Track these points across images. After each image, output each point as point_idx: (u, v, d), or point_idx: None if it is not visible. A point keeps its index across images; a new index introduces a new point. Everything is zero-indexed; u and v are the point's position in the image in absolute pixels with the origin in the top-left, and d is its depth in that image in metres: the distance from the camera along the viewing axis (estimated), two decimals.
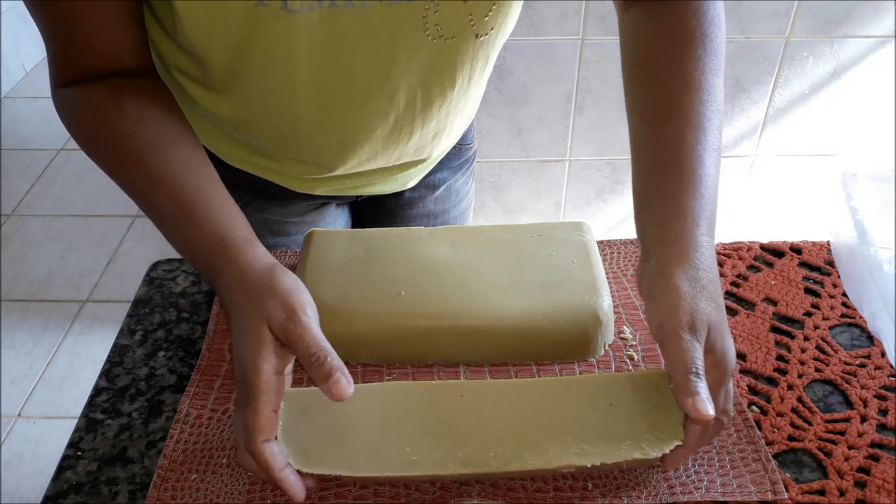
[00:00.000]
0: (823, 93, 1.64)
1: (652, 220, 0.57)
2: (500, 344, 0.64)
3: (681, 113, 0.58)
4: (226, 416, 0.62)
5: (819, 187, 1.79)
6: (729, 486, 0.55)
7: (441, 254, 0.69)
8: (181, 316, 0.73)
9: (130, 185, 0.61)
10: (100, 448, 0.61)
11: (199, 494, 0.56)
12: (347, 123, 0.70)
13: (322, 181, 0.80)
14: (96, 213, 2.32)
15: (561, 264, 0.68)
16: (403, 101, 0.69)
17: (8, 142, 2.65)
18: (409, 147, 0.76)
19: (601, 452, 0.53)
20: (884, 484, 0.56)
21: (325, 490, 0.56)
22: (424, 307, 0.64)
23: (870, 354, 0.67)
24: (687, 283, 0.52)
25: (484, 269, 0.68)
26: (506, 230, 0.72)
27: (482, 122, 1.66)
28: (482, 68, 0.70)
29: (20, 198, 2.39)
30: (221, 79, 0.66)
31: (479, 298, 0.65)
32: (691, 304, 0.51)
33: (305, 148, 0.74)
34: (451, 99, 0.71)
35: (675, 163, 0.56)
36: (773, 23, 1.53)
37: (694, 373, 0.49)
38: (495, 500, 0.55)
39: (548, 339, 0.64)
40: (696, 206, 0.55)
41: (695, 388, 0.49)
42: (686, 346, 0.50)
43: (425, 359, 0.66)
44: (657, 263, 0.54)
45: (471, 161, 0.96)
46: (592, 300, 0.65)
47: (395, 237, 0.71)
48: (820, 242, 0.79)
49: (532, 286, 0.66)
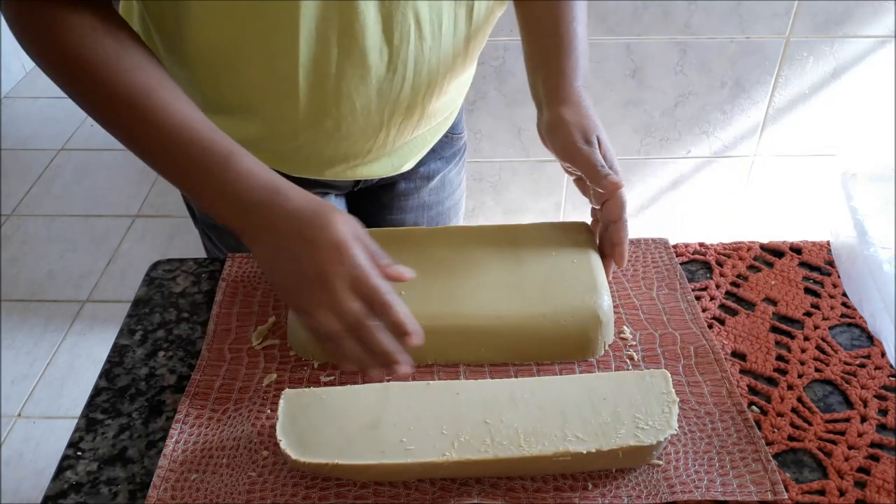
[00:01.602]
0: (823, 93, 1.64)
1: (541, 80, 0.75)
2: (500, 344, 0.65)
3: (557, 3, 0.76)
4: (225, 416, 0.62)
5: (819, 187, 1.79)
6: (729, 485, 0.55)
7: (440, 254, 0.70)
8: (181, 316, 0.73)
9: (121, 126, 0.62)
10: (100, 448, 0.61)
11: (199, 494, 0.56)
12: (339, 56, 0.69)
13: (319, 161, 0.80)
14: (96, 213, 2.32)
15: (561, 264, 0.68)
16: (398, 35, 0.68)
17: (8, 142, 2.65)
18: (402, 101, 0.75)
19: (597, 441, 0.54)
20: (884, 484, 0.56)
21: (326, 490, 0.56)
22: (424, 308, 0.63)
23: (870, 354, 0.67)
24: (573, 115, 0.71)
25: (483, 270, 0.68)
26: (505, 230, 0.73)
27: (482, 122, 1.66)
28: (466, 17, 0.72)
29: (20, 198, 2.39)
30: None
31: (479, 299, 0.65)
32: (580, 126, 0.70)
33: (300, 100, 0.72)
34: (441, 41, 0.71)
35: (555, 33, 0.75)
36: (773, 23, 1.53)
37: (601, 166, 0.67)
38: (495, 499, 0.55)
39: (548, 340, 0.64)
40: (572, 65, 0.74)
41: (606, 172, 0.67)
42: (586, 152, 0.68)
43: (425, 359, 0.66)
44: (549, 109, 0.72)
45: (462, 151, 0.99)
46: (592, 300, 0.65)
47: (393, 237, 0.71)
48: (820, 242, 0.79)
49: (532, 286, 0.66)
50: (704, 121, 1.68)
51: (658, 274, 0.75)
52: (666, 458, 0.58)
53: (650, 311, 0.71)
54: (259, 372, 0.66)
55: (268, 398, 0.63)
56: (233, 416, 0.62)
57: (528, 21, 0.79)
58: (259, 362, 0.67)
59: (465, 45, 0.75)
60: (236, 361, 0.67)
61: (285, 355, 0.67)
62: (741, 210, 1.85)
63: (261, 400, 0.63)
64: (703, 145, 1.73)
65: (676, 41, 1.55)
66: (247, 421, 0.61)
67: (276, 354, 0.67)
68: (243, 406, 0.63)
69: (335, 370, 0.66)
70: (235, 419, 0.62)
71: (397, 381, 0.63)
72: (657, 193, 1.82)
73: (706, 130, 1.70)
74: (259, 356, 0.67)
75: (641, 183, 1.79)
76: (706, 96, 1.64)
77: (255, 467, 0.58)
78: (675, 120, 1.68)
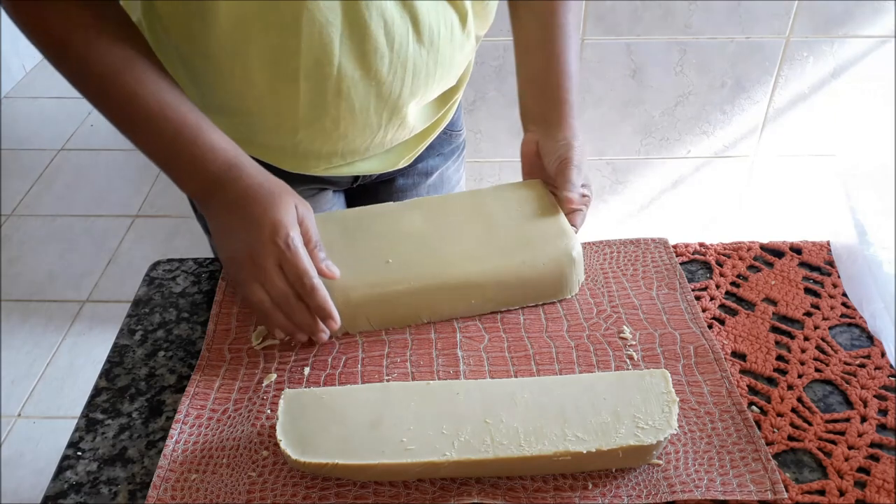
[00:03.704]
0: (823, 93, 1.64)
1: (540, 107, 0.81)
2: (486, 294, 0.70)
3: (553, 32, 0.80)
4: (225, 416, 0.62)
5: (819, 187, 1.79)
6: (729, 485, 0.55)
7: (415, 224, 0.74)
8: (181, 316, 0.73)
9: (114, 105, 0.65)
10: (100, 448, 0.61)
11: (199, 494, 0.56)
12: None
13: (317, 157, 0.80)
14: (96, 213, 2.32)
15: (527, 216, 0.74)
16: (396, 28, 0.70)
17: (8, 142, 2.65)
18: (400, 103, 0.76)
19: (597, 440, 0.54)
20: (884, 484, 0.56)
21: (326, 490, 0.56)
22: (413, 270, 0.69)
23: (870, 354, 0.67)
24: (575, 140, 0.77)
25: (459, 231, 0.73)
26: (468, 195, 0.78)
27: (482, 122, 1.66)
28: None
29: (20, 198, 2.39)
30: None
31: (463, 255, 0.70)
32: (579, 153, 0.76)
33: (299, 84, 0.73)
34: (440, 45, 0.73)
35: (559, 65, 0.79)
36: (773, 23, 1.53)
37: (572, 187, 0.74)
38: (495, 499, 0.55)
39: (528, 283, 0.70)
40: (575, 98, 0.80)
41: (569, 196, 0.73)
42: (573, 174, 0.74)
43: (420, 318, 0.70)
44: (550, 129, 0.78)
45: (461, 149, 1.00)
46: (564, 243, 0.71)
47: (367, 214, 0.75)
48: (820, 242, 0.79)
49: (506, 238, 0.71)
50: (704, 121, 1.68)
51: (658, 274, 0.75)
52: (666, 457, 0.58)
53: (650, 311, 0.71)
54: (259, 372, 0.66)
55: (268, 398, 0.63)
56: (233, 416, 0.62)
57: (524, 44, 0.83)
58: (259, 362, 0.67)
59: (461, 47, 0.76)
60: (236, 361, 0.67)
61: (285, 355, 0.67)
62: (741, 210, 1.85)
63: (261, 400, 0.63)
64: (703, 145, 1.73)
65: (676, 41, 1.56)
66: (247, 421, 0.61)
67: (275, 354, 0.67)
68: (243, 406, 0.63)
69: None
70: (235, 419, 0.62)
71: (397, 382, 0.63)
72: (657, 193, 1.82)
73: (706, 130, 1.70)
74: (259, 356, 0.67)
75: (641, 183, 1.79)
76: (706, 96, 1.64)
77: (255, 467, 0.58)
78: (675, 120, 1.68)
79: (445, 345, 0.68)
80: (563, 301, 0.72)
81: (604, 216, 1.86)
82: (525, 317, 0.71)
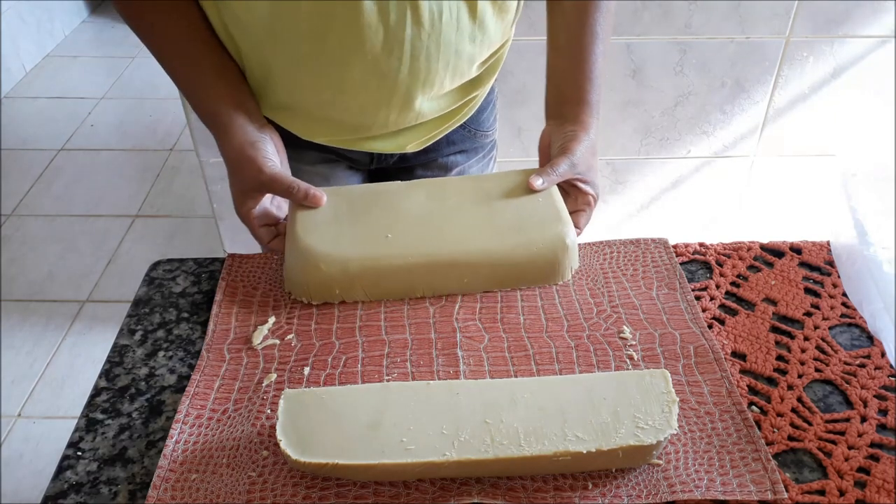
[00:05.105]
0: (823, 93, 1.64)
1: (560, 105, 0.84)
2: (481, 273, 0.72)
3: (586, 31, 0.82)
4: (225, 416, 0.62)
5: (819, 187, 1.78)
6: (729, 485, 0.55)
7: (418, 203, 0.76)
8: (181, 316, 0.73)
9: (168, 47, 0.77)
10: (100, 448, 0.61)
11: (199, 494, 0.56)
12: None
13: (327, 127, 0.84)
14: (96, 213, 2.32)
15: (527, 202, 0.76)
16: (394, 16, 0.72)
17: (8, 142, 2.65)
18: (400, 84, 0.77)
19: (597, 440, 0.54)
20: (884, 484, 0.56)
21: (326, 490, 0.56)
22: (411, 245, 0.72)
23: (870, 354, 0.67)
24: (583, 134, 0.80)
25: (461, 212, 0.75)
26: (473, 179, 0.80)
27: None
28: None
29: (20, 198, 2.39)
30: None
31: (461, 235, 0.73)
32: (583, 147, 0.78)
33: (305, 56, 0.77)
34: (442, 30, 0.74)
35: (582, 65, 0.82)
36: (773, 23, 1.53)
37: (549, 171, 0.77)
38: (495, 499, 0.55)
39: (522, 266, 0.72)
40: (595, 98, 0.83)
41: (532, 178, 0.76)
42: (561, 162, 0.77)
43: (416, 292, 0.72)
44: (564, 123, 0.81)
45: (488, 149, 1.01)
46: (559, 229, 0.73)
47: (373, 191, 0.78)
48: (820, 242, 0.79)
49: (505, 221, 0.74)
50: (704, 121, 1.68)
51: (658, 274, 0.75)
52: (666, 457, 0.58)
53: (650, 311, 0.71)
54: (259, 372, 0.66)
55: (268, 398, 0.63)
56: (233, 416, 0.62)
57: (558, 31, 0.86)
58: (259, 362, 0.67)
59: (470, 42, 0.77)
60: (236, 361, 0.67)
61: (285, 355, 0.67)
62: (741, 210, 1.85)
63: (261, 400, 0.63)
64: (703, 145, 1.73)
65: (676, 41, 1.55)
66: (247, 421, 0.61)
67: (275, 354, 0.67)
68: (243, 406, 0.63)
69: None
70: (235, 419, 0.62)
71: (397, 382, 0.63)
72: (657, 193, 1.82)
73: (706, 130, 1.70)
74: (259, 356, 0.67)
75: (641, 183, 1.79)
76: (706, 96, 1.64)
77: (255, 467, 0.58)
78: (675, 120, 1.68)
79: (445, 345, 0.68)
80: (563, 301, 0.72)
81: (604, 216, 1.86)
82: (525, 317, 0.71)
